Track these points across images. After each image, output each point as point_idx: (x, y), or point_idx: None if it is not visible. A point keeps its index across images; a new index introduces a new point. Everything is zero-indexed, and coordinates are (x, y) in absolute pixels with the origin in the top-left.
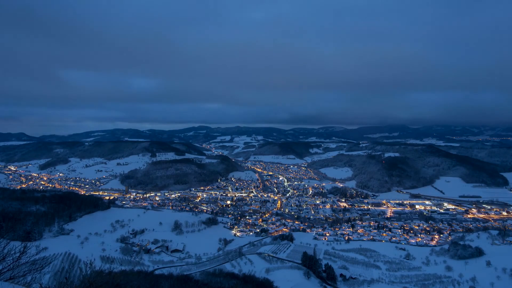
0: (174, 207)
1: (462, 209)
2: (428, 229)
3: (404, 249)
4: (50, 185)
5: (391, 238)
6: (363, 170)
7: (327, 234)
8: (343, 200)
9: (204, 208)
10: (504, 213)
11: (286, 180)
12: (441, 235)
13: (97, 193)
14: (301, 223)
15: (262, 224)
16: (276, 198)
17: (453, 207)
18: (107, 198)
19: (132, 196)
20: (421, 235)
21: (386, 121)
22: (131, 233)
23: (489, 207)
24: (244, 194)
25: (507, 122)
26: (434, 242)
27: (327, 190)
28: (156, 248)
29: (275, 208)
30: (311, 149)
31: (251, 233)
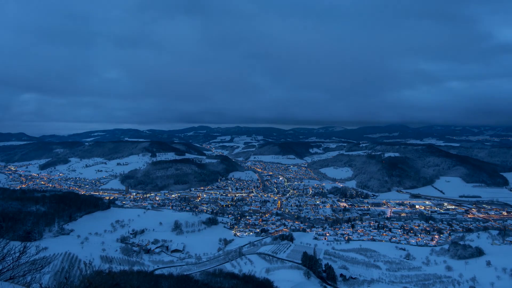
0: (174, 207)
1: (462, 209)
2: (428, 229)
3: (404, 249)
4: (50, 185)
5: (391, 238)
6: (363, 170)
7: (327, 234)
8: (343, 200)
9: (204, 208)
10: (504, 213)
11: (286, 180)
12: (441, 235)
13: (97, 193)
14: (301, 223)
15: (262, 224)
16: (276, 198)
17: (453, 207)
18: (107, 198)
19: (132, 196)
20: (421, 235)
21: (385, 121)
22: (131, 233)
23: (489, 207)
24: (244, 194)
25: (507, 122)
26: (434, 242)
27: (327, 190)
28: (156, 248)
29: (275, 208)
30: (311, 149)
31: (251, 233)
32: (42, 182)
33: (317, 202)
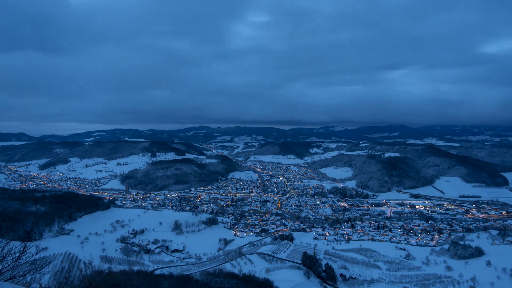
0: (174, 207)
1: (462, 209)
2: (428, 229)
3: (404, 249)
4: (50, 185)
5: (391, 238)
6: (363, 170)
7: (327, 234)
8: (343, 200)
9: (204, 208)
10: (504, 213)
11: (286, 180)
12: (441, 235)
13: (97, 193)
14: (301, 223)
15: (262, 224)
16: (276, 198)
17: (453, 207)
18: (107, 198)
19: (132, 196)
20: (421, 235)
21: (385, 121)
22: (131, 233)
23: (489, 207)
24: (244, 194)
25: (507, 122)
26: (434, 242)
27: (327, 190)
28: (156, 248)
29: (275, 208)
30: (311, 149)
31: (251, 233)
32: (42, 182)
33: (317, 202)
